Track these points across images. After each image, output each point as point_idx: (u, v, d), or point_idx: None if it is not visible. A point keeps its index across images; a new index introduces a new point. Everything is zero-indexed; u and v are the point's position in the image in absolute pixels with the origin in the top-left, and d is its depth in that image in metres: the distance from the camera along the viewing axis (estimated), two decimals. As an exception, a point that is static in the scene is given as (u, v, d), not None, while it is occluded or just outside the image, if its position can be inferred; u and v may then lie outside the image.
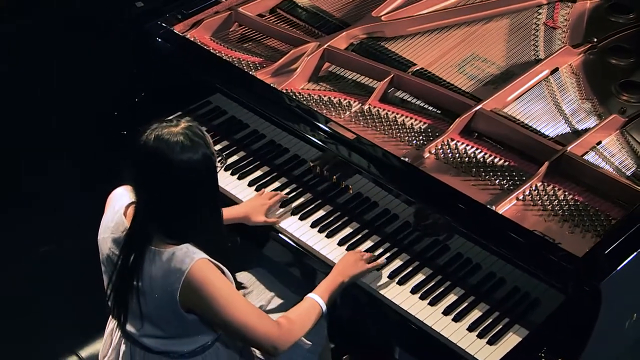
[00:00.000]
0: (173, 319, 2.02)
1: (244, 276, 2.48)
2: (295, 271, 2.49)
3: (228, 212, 2.44)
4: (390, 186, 2.29)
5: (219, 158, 2.13)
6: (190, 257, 1.96)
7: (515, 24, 2.88)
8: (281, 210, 2.44)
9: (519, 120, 2.44)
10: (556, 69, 2.64)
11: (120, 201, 2.11)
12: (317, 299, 2.12)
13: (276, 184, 2.54)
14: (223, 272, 2.03)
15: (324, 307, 2.13)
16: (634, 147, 2.36)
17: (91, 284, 2.11)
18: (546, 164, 2.25)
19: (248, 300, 2.29)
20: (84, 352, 2.38)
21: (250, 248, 2.64)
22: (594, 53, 2.75)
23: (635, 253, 1.94)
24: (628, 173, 2.28)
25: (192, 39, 2.79)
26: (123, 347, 2.17)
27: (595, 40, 2.76)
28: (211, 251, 2.01)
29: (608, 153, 2.35)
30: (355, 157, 2.33)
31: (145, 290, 2.01)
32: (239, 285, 2.26)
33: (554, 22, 2.87)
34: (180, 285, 1.96)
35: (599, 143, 2.38)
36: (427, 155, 2.35)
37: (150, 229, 2.00)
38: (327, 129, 2.39)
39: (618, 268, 1.91)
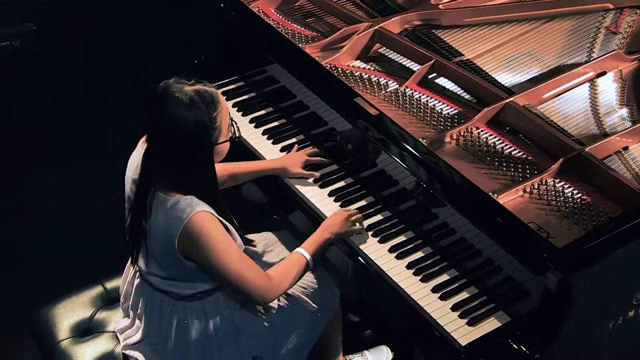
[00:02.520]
0: (173, 262, 2.18)
1: (268, 236, 2.60)
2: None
3: (267, 164, 2.59)
4: (404, 164, 2.35)
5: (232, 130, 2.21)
6: (192, 208, 2.10)
7: (576, 27, 2.85)
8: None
9: (547, 117, 2.44)
10: (604, 73, 2.61)
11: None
12: (303, 253, 2.26)
13: (307, 153, 2.65)
14: (226, 228, 2.16)
15: (310, 260, 2.26)
16: (661, 157, 2.32)
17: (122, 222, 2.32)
18: (560, 160, 2.25)
19: (269, 255, 2.45)
20: (109, 284, 2.57)
21: (276, 214, 2.79)
22: (650, 62, 2.69)
23: (615, 252, 1.93)
24: (646, 181, 2.25)
25: (255, 10, 2.93)
26: (137, 281, 2.35)
27: (654, 49, 2.70)
28: (213, 207, 2.13)
29: (632, 159, 2.32)
30: (376, 134, 2.41)
31: (151, 231, 2.18)
32: (249, 243, 2.39)
33: (617, 27, 2.82)
34: (179, 233, 2.10)
35: (625, 148, 2.35)
36: (448, 139, 2.40)
37: (152, 172, 2.15)
38: (353, 103, 2.47)
39: (594, 264, 1.90)
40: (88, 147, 3.77)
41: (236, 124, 2.21)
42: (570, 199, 2.20)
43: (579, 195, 2.21)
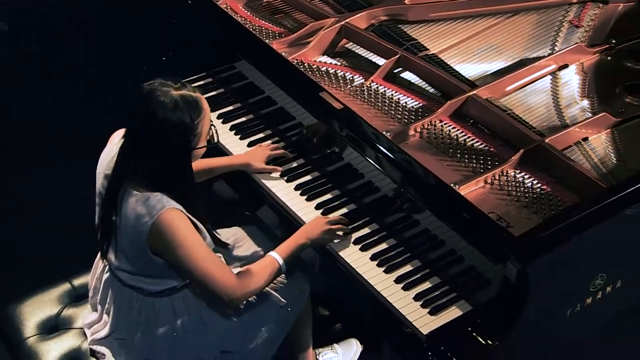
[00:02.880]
0: (142, 257, 2.19)
1: (237, 231, 2.62)
2: (279, 231, 2.62)
3: (230, 160, 2.61)
4: (368, 158, 2.37)
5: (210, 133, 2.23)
6: (162, 205, 2.11)
7: (541, 21, 2.88)
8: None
9: (509, 109, 2.47)
10: (566, 65, 2.65)
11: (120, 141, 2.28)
12: (276, 257, 2.26)
13: (273, 148, 2.67)
14: (197, 227, 2.17)
15: (283, 264, 2.26)
16: (619, 148, 2.35)
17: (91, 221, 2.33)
18: (521, 151, 2.28)
19: (239, 250, 2.47)
20: (76, 281, 2.58)
21: (247, 210, 2.81)
22: (612, 55, 2.73)
23: (572, 239, 1.96)
24: (604, 171, 2.28)
25: (223, 6, 2.95)
26: (105, 276, 2.36)
27: (614, 42, 2.74)
28: (184, 206, 2.15)
29: (591, 149, 2.35)
30: (341, 128, 2.43)
31: (121, 226, 2.19)
32: (223, 244, 2.40)
33: (579, 21, 2.86)
34: (149, 229, 2.11)
35: (585, 139, 2.38)
36: (411, 132, 2.42)
37: (127, 169, 2.17)
38: (319, 97, 2.49)
39: (550, 251, 1.94)
40: (88, 147, 3.75)
41: (215, 127, 2.23)
42: (530, 189, 2.23)
43: (539, 185, 2.24)
